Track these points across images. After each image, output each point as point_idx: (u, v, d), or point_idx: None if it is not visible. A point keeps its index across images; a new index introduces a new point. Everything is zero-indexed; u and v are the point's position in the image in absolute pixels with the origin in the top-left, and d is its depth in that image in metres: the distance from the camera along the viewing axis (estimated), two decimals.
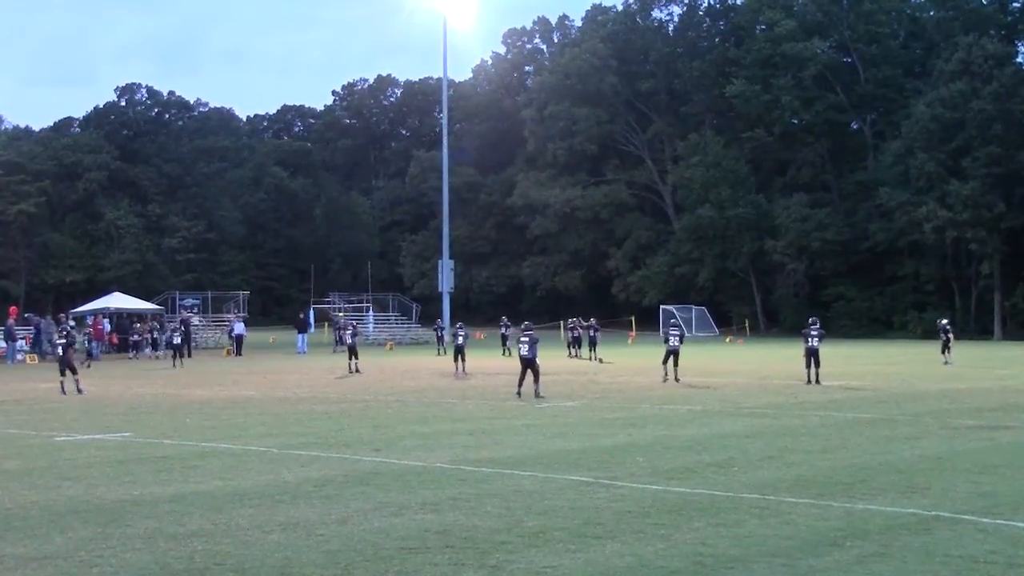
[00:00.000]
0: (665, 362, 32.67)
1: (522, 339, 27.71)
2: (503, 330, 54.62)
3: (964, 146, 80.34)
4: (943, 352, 42.42)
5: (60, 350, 30.44)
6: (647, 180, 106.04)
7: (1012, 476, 14.46)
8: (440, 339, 57.63)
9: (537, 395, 26.74)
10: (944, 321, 45.14)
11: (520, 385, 27.31)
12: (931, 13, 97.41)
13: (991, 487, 13.54)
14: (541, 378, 27.28)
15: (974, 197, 78.63)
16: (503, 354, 49.83)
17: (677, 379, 32.03)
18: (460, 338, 40.45)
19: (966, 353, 49.01)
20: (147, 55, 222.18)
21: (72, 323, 43.79)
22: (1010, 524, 11.23)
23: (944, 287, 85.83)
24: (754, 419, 22.17)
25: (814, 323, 32.38)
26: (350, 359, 39.19)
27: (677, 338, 33.19)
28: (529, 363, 27.09)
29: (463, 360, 38.47)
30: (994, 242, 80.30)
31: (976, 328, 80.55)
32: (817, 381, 30.76)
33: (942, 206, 79.46)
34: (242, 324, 59.53)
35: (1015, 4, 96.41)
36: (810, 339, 31.50)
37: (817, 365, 31.21)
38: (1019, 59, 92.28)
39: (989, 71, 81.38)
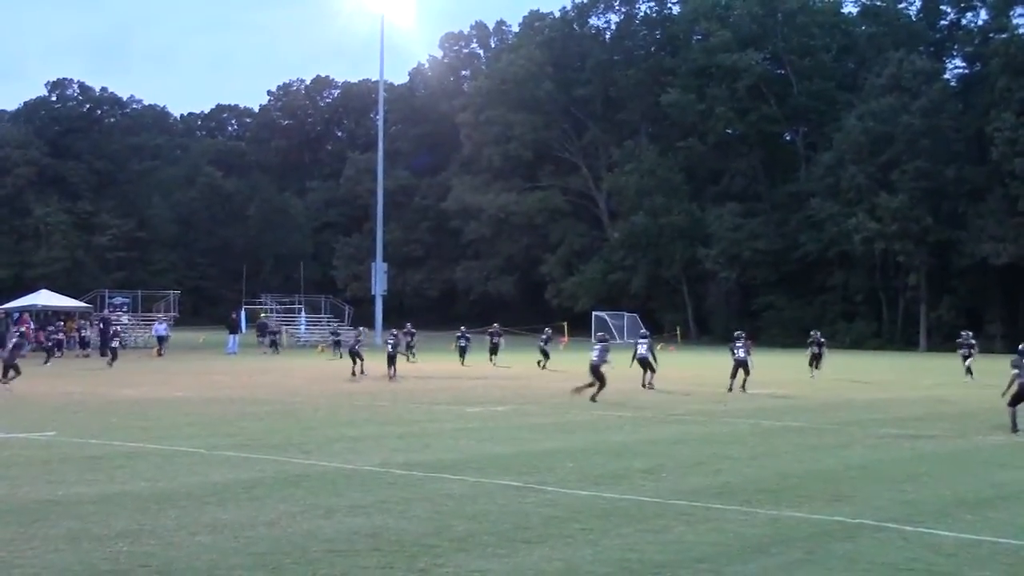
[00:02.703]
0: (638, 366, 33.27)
1: (595, 346, 28.48)
2: (462, 341, 48.94)
3: (893, 160, 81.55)
4: (811, 365, 40.21)
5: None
6: (582, 187, 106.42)
7: (934, 484, 14.68)
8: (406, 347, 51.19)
9: (593, 399, 27.22)
10: (816, 333, 42.57)
11: (594, 390, 27.68)
12: (863, 28, 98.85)
13: (914, 495, 13.74)
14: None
15: (902, 210, 79.85)
16: (463, 364, 46.49)
17: (651, 386, 32.50)
18: (390, 345, 39.29)
19: (893, 364, 49.73)
20: (78, 53, 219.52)
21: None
22: (931, 532, 11.40)
23: (872, 298, 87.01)
24: (683, 426, 22.33)
25: (739, 337, 32.71)
26: (389, 366, 37.13)
27: (644, 346, 33.44)
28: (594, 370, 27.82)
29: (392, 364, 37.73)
30: (921, 255, 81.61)
31: (902, 339, 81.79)
32: (743, 389, 31.07)
33: (871, 218, 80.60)
34: (165, 325, 58.72)
35: (943, 22, 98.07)
36: (736, 351, 31.96)
37: (746, 374, 31.61)
38: (947, 75, 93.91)
39: (918, 87, 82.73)
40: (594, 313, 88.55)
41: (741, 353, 31.74)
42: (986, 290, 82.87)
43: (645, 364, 33.28)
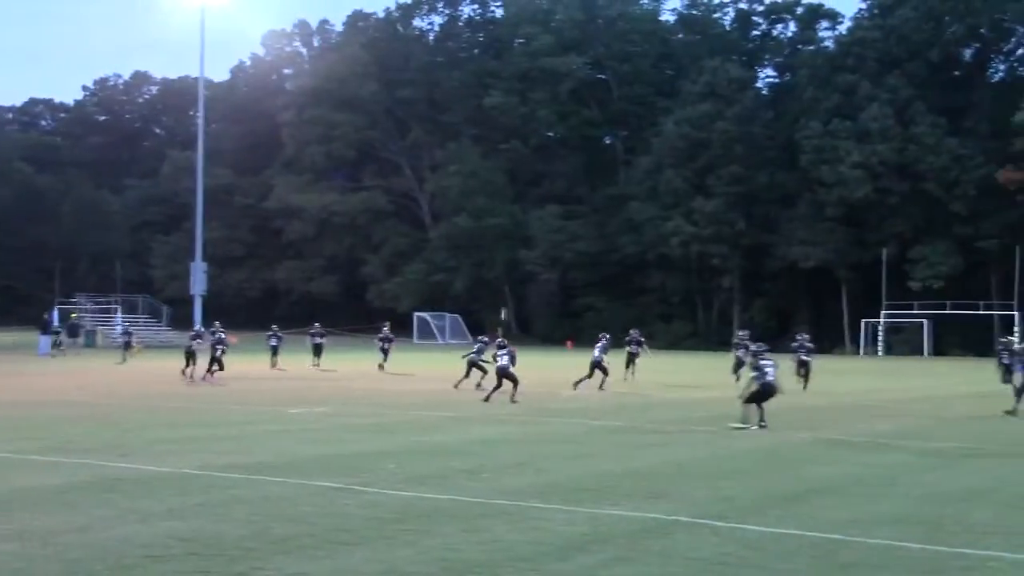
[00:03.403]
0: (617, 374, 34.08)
1: (500, 352, 28.64)
2: (273, 341, 46.19)
3: (709, 165, 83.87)
4: (627, 367, 38.76)
5: None
6: (405, 187, 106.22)
7: (747, 481, 15.12)
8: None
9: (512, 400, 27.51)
10: (636, 332, 41.40)
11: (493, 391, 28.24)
12: (680, 36, 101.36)
13: (728, 492, 14.13)
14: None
15: (717, 214, 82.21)
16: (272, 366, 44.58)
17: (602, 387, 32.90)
18: (195, 344, 37.92)
19: (708, 363, 50.96)
20: None
21: None
22: (743, 527, 11.74)
23: (688, 299, 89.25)
24: (506, 426, 22.50)
25: (601, 338, 34.30)
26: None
27: (601, 348, 33.72)
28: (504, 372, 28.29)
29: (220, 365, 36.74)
30: (735, 257, 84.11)
31: (717, 340, 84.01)
32: (600, 388, 32.60)
33: (688, 221, 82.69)
34: None
35: (755, 32, 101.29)
36: (597, 350, 33.38)
37: (605, 374, 33.08)
38: (759, 84, 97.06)
39: (732, 94, 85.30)
40: (416, 314, 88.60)
41: (597, 353, 33.11)
42: (795, 292, 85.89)
43: (598, 367, 33.36)
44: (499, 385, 28.31)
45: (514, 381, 28.18)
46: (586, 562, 10.11)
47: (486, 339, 34.57)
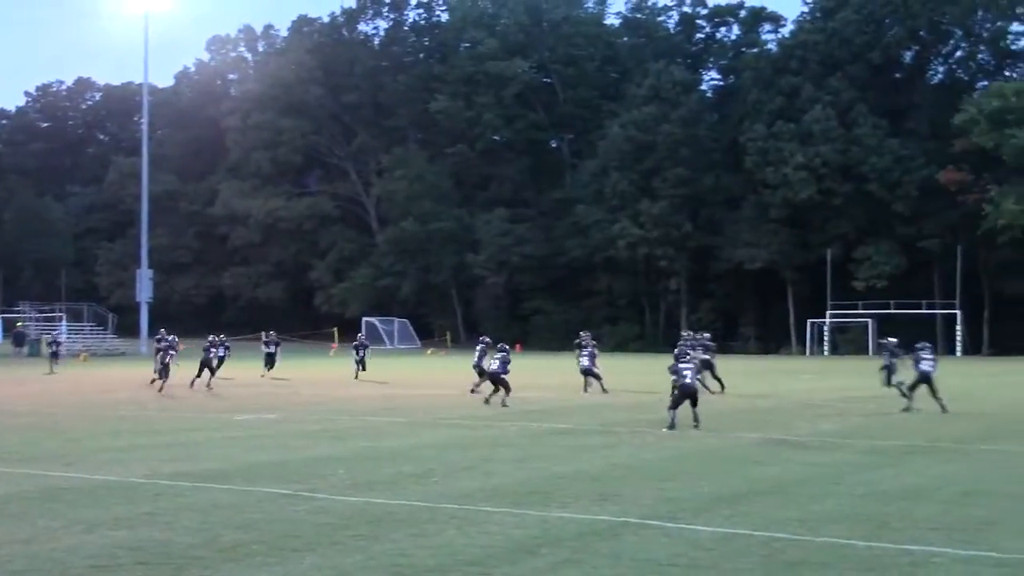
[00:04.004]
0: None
1: (495, 356, 29.18)
2: (220, 351, 41.71)
3: (655, 167, 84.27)
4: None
5: None
6: (351, 192, 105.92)
7: (694, 482, 15.22)
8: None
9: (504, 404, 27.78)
10: (586, 334, 37.94)
11: (490, 395, 28.60)
12: (625, 39, 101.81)
13: (675, 493, 14.22)
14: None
15: (663, 216, 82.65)
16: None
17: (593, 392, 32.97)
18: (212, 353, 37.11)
19: (655, 365, 51.03)
20: None
21: None
22: (692, 527, 11.83)
23: (635, 302, 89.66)
24: (454, 430, 22.51)
25: (585, 343, 34.23)
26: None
27: (587, 358, 33.50)
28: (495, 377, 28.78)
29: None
30: (681, 259, 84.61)
31: (665, 341, 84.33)
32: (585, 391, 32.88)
33: (634, 224, 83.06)
34: None
35: (699, 35, 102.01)
36: (582, 358, 33.45)
37: (598, 378, 33.06)
38: (703, 87, 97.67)
39: (677, 97, 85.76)
40: (364, 319, 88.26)
41: (584, 360, 33.24)
42: (741, 293, 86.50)
43: (588, 373, 33.53)
44: (496, 390, 28.60)
45: (506, 387, 28.32)
46: (536, 565, 10.14)
47: (488, 340, 34.57)
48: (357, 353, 43.45)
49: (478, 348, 33.50)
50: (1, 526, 11.77)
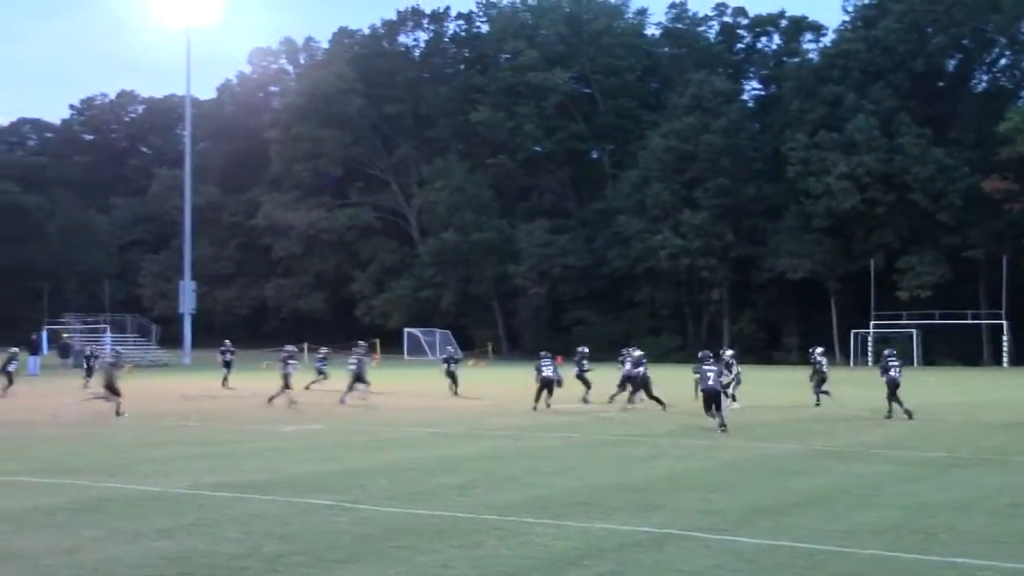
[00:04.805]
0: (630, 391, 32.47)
1: (544, 364, 31.10)
2: (227, 355, 44.30)
3: (696, 177, 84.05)
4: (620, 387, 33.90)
5: None
6: (392, 203, 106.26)
7: (737, 493, 15.16)
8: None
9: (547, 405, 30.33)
10: (583, 349, 36.69)
11: (536, 400, 30.10)
12: (665, 49, 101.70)
13: (717, 504, 14.16)
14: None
15: (705, 227, 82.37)
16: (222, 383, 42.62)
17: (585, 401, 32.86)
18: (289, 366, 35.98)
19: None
20: None
21: None
22: (734, 539, 11.77)
23: (678, 312, 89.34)
24: (495, 441, 22.51)
25: (545, 356, 32.86)
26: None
27: (630, 363, 32.65)
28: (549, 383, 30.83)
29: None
30: (723, 270, 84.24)
31: None
32: (548, 406, 30.94)
33: (676, 234, 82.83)
34: None
35: (740, 45, 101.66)
36: (543, 369, 31.86)
37: (550, 393, 31.39)
38: (745, 96, 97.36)
39: (718, 107, 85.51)
40: (406, 330, 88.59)
41: (548, 371, 31.54)
42: (784, 304, 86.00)
43: (631, 380, 32.78)
44: (550, 393, 30.62)
45: (552, 387, 30.72)
46: None
47: (583, 350, 35.85)
48: (448, 366, 39.61)
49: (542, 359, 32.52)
50: (46, 536, 11.87)
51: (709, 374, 24.39)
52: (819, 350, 33.09)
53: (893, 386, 27.64)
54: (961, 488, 15.95)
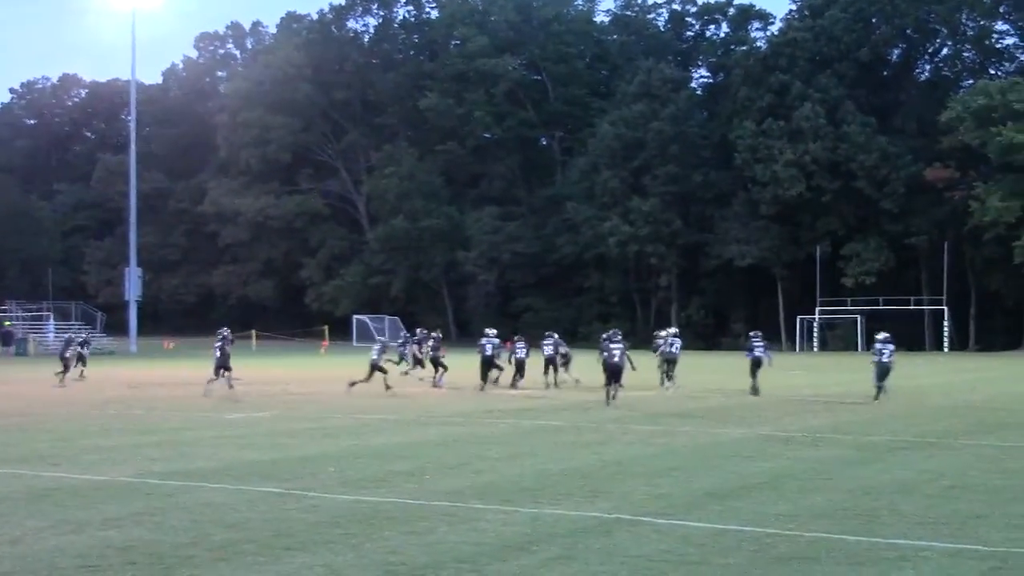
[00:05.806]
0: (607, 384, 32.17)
1: (561, 350, 35.12)
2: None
3: (645, 165, 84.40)
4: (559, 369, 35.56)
5: None
6: (341, 190, 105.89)
7: (685, 478, 15.25)
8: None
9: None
10: (553, 335, 37.42)
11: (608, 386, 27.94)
12: (615, 37, 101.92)
13: (667, 489, 14.24)
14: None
15: (653, 214, 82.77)
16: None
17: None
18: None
19: (647, 362, 51.09)
20: None
21: None
22: (683, 524, 11.85)
23: (626, 299, 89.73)
24: (445, 427, 22.51)
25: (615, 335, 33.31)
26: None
27: (618, 355, 32.62)
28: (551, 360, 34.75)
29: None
30: (672, 257, 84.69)
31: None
32: (512, 386, 33.60)
33: (625, 221, 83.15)
34: None
35: (688, 33, 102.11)
36: (517, 351, 35.10)
37: (521, 376, 34.49)
38: (693, 84, 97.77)
39: (667, 94, 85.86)
40: (355, 317, 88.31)
41: (521, 353, 34.77)
42: (731, 290, 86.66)
43: (550, 363, 35.40)
44: (521, 376, 33.71)
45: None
46: (528, 562, 10.15)
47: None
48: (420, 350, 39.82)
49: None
50: None
51: (615, 351, 27.05)
52: (554, 335, 36.71)
53: (885, 371, 28.51)
54: (903, 471, 16.14)
